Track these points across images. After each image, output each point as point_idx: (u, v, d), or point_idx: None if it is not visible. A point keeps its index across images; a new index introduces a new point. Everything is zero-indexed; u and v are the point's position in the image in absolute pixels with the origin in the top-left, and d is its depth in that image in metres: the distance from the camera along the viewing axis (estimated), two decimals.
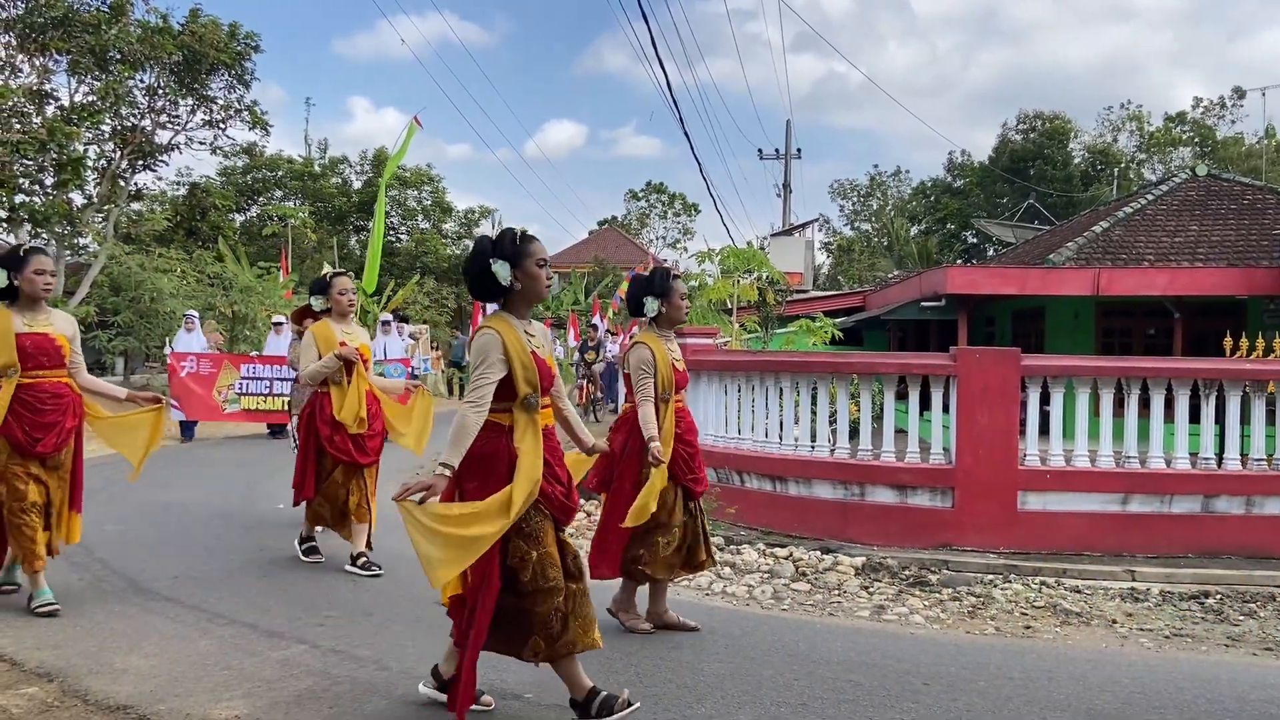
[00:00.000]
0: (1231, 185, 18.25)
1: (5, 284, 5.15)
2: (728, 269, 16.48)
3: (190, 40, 20.71)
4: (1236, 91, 46.08)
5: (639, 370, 5.05)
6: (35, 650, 4.56)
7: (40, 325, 5.22)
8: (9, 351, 5.10)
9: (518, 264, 3.75)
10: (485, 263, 3.75)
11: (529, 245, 3.79)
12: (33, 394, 5.14)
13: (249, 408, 14.22)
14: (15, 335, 5.11)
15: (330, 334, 6.26)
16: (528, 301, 3.84)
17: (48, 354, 5.22)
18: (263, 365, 14.30)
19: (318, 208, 36.21)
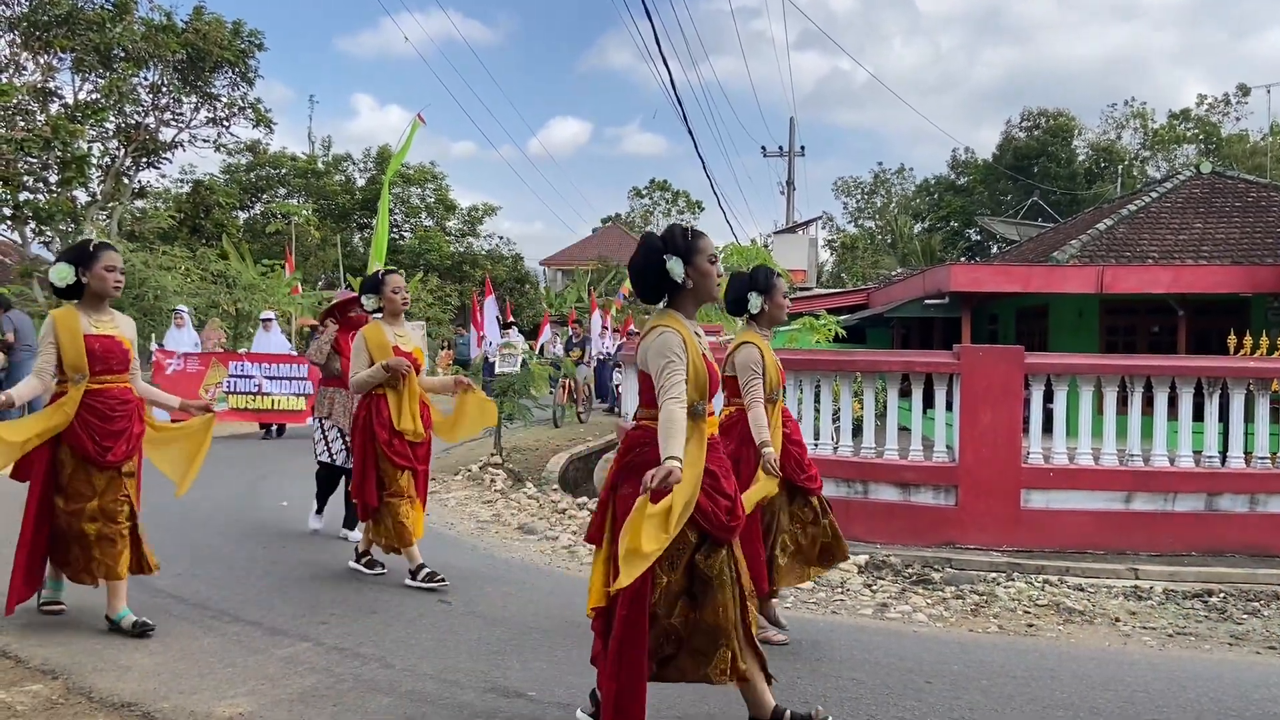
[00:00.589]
0: (1236, 183, 18.21)
1: (73, 281, 4.76)
2: (731, 267, 16.48)
3: (194, 38, 20.73)
4: (1241, 89, 46.00)
5: (748, 371, 4.79)
6: (39, 647, 4.57)
7: (107, 327, 4.85)
8: (78, 355, 4.73)
9: (690, 260, 3.59)
10: (658, 259, 3.57)
11: (700, 241, 3.64)
12: (101, 400, 4.79)
13: (237, 406, 13.91)
14: (84, 337, 4.75)
15: (383, 337, 5.89)
16: (697, 300, 3.69)
17: (116, 358, 4.85)
18: (252, 363, 13.99)
19: (321, 205, 36.26)
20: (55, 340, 4.73)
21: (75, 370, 4.74)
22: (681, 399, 3.44)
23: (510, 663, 4.58)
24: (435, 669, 4.46)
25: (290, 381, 13.90)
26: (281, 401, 13.87)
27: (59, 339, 4.73)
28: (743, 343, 4.96)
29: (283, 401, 13.86)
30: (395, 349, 5.86)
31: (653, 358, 3.53)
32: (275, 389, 13.86)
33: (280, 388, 13.85)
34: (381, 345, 5.86)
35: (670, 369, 3.48)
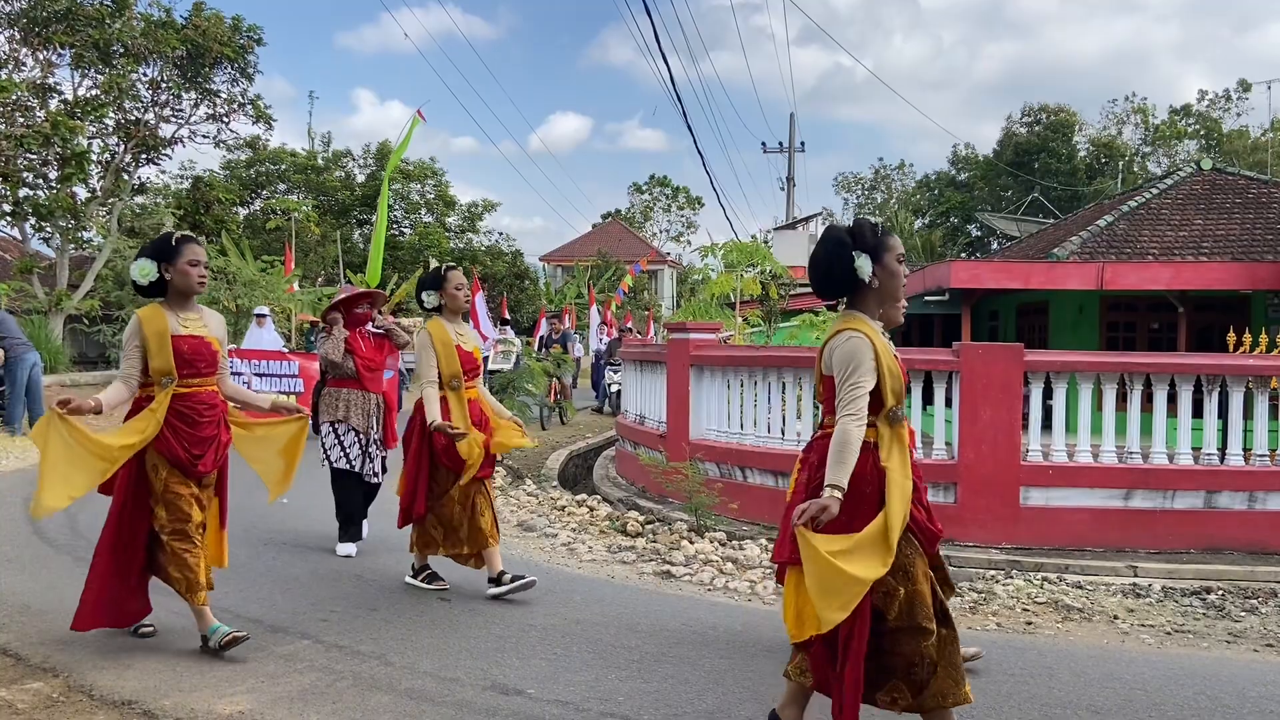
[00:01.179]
0: (1236, 179, 18.19)
1: (155, 278, 4.46)
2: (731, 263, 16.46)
3: (193, 34, 20.69)
4: (1242, 84, 45.99)
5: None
6: (40, 645, 4.58)
7: (195, 326, 4.54)
8: (166, 357, 4.42)
9: (878, 258, 3.40)
10: (845, 256, 3.38)
11: (889, 238, 3.45)
12: (189, 405, 4.48)
13: None
14: (171, 338, 4.44)
15: (447, 334, 5.62)
16: (882, 301, 3.47)
17: (204, 359, 4.55)
18: (241, 359, 13.51)
19: (321, 201, 36.26)
20: (141, 342, 4.43)
21: (162, 374, 4.44)
22: (861, 416, 3.26)
23: (509, 660, 4.59)
24: (434, 666, 4.47)
25: (280, 379, 13.61)
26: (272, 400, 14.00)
27: (145, 340, 4.43)
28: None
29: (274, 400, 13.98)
30: (458, 348, 5.63)
31: (838, 364, 3.35)
32: (265, 387, 13.54)
33: (270, 385, 13.55)
34: (446, 343, 5.59)
35: (855, 380, 3.28)
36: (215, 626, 4.50)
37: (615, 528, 8.36)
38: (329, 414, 6.77)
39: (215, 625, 4.50)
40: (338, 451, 6.72)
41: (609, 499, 9.74)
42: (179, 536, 4.44)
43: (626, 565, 6.99)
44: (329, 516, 7.90)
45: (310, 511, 8.40)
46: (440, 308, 5.75)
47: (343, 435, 6.73)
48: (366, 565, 6.51)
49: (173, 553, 4.44)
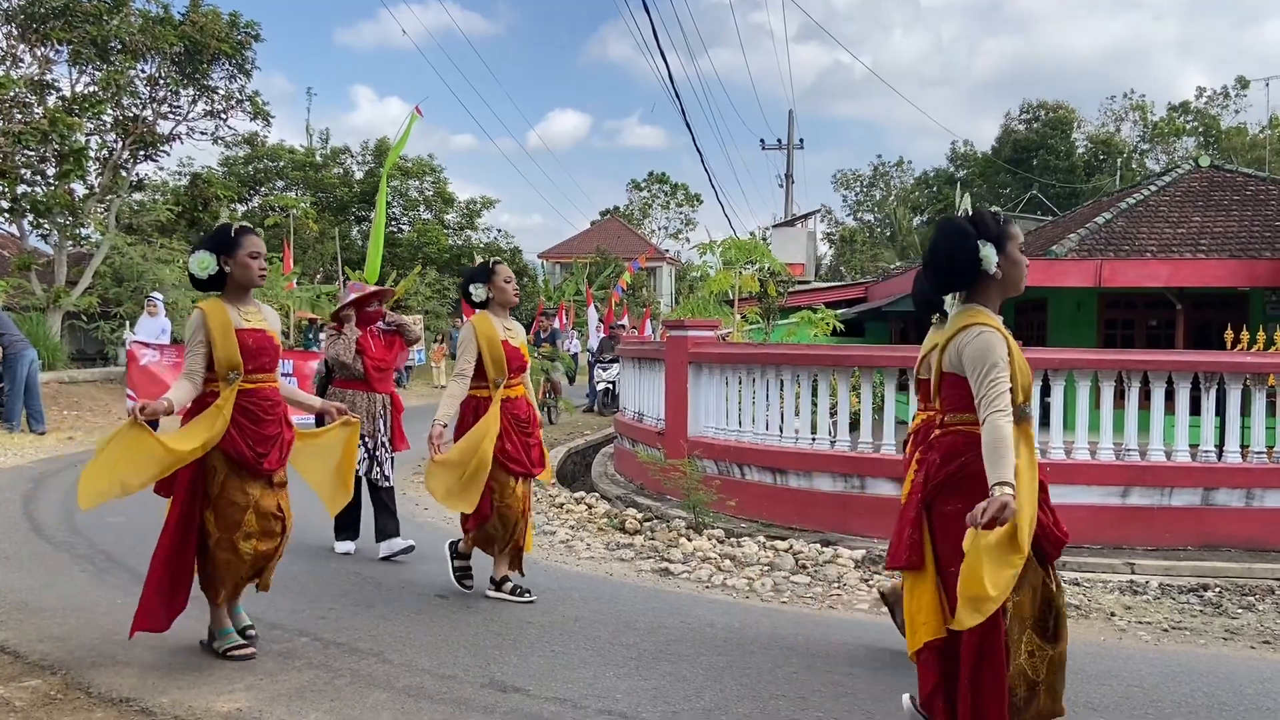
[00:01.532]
0: (1235, 176, 18.19)
1: (215, 270, 4.31)
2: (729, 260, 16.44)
3: (191, 30, 20.65)
4: (1240, 81, 45.99)
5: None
6: (38, 642, 4.58)
7: (256, 320, 4.42)
8: (232, 351, 4.28)
9: (1002, 247, 3.27)
10: (970, 246, 3.23)
11: (1011, 226, 3.35)
12: (254, 401, 4.35)
13: None
14: (235, 332, 4.31)
15: (493, 330, 5.43)
16: (1004, 291, 3.34)
17: (268, 354, 4.42)
18: None
19: (319, 198, 36.23)
20: (206, 336, 4.27)
21: (229, 369, 4.29)
22: (1008, 410, 3.09)
23: (508, 657, 4.59)
24: (432, 664, 4.47)
25: None
26: None
27: (210, 335, 4.27)
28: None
29: None
30: (504, 343, 5.44)
31: (971, 360, 3.20)
32: None
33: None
34: (491, 339, 5.40)
35: (995, 376, 3.13)
36: (227, 630, 4.43)
37: (613, 525, 8.37)
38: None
39: (227, 629, 4.43)
40: None
41: (607, 496, 9.74)
42: (225, 546, 4.30)
43: (625, 562, 6.99)
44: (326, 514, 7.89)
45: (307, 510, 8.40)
46: (488, 301, 5.57)
47: None
48: (364, 563, 6.51)
49: (216, 558, 4.33)
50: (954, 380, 3.31)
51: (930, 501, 3.29)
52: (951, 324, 3.34)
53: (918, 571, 3.26)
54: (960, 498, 3.17)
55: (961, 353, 3.25)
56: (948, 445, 3.28)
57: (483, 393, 5.44)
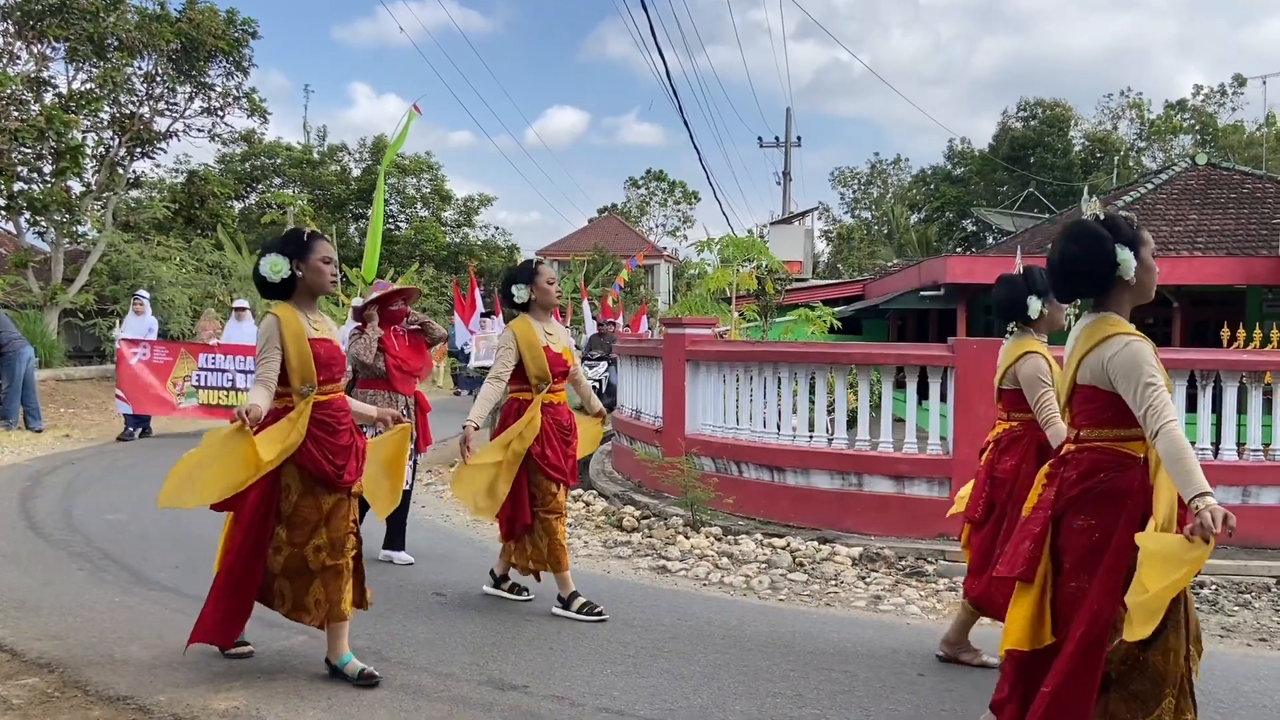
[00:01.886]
0: (1231, 174, 18.23)
1: (286, 275, 4.13)
2: (727, 258, 16.44)
3: (187, 27, 20.63)
4: (1237, 79, 46.00)
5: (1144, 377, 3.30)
6: (35, 641, 4.58)
7: (323, 329, 4.25)
8: (306, 362, 4.11)
9: (1137, 253, 3.17)
10: (1107, 250, 3.12)
11: (1143, 231, 3.24)
12: (327, 413, 4.19)
13: (207, 403, 12.75)
14: (308, 342, 4.13)
15: (533, 335, 5.27)
16: (1136, 298, 3.27)
17: (338, 364, 4.27)
18: (224, 356, 12.84)
19: (316, 195, 36.17)
20: (281, 345, 4.09)
21: (304, 380, 4.13)
22: (1175, 418, 2.96)
23: (505, 655, 4.60)
24: (430, 661, 4.48)
25: None
26: None
27: (285, 344, 4.09)
28: (1027, 353, 4.50)
29: None
30: (546, 349, 5.27)
31: (1124, 372, 3.06)
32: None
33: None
34: (532, 344, 5.23)
35: (1154, 387, 3.00)
36: (347, 658, 4.20)
37: (611, 523, 8.37)
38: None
39: (347, 656, 4.20)
40: None
41: (605, 494, 9.74)
42: (295, 560, 4.14)
43: (622, 560, 7.00)
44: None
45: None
46: (529, 303, 5.37)
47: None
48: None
49: (287, 574, 4.16)
50: (1091, 393, 3.19)
51: (1061, 516, 3.21)
52: (1088, 334, 3.21)
53: (1029, 581, 3.22)
54: (1094, 513, 3.12)
55: (1107, 365, 3.11)
56: (1087, 462, 3.18)
57: (525, 395, 5.28)
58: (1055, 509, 3.21)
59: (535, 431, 5.20)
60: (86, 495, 8.51)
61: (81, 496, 8.45)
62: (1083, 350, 3.19)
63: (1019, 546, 3.30)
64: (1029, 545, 3.25)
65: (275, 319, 4.11)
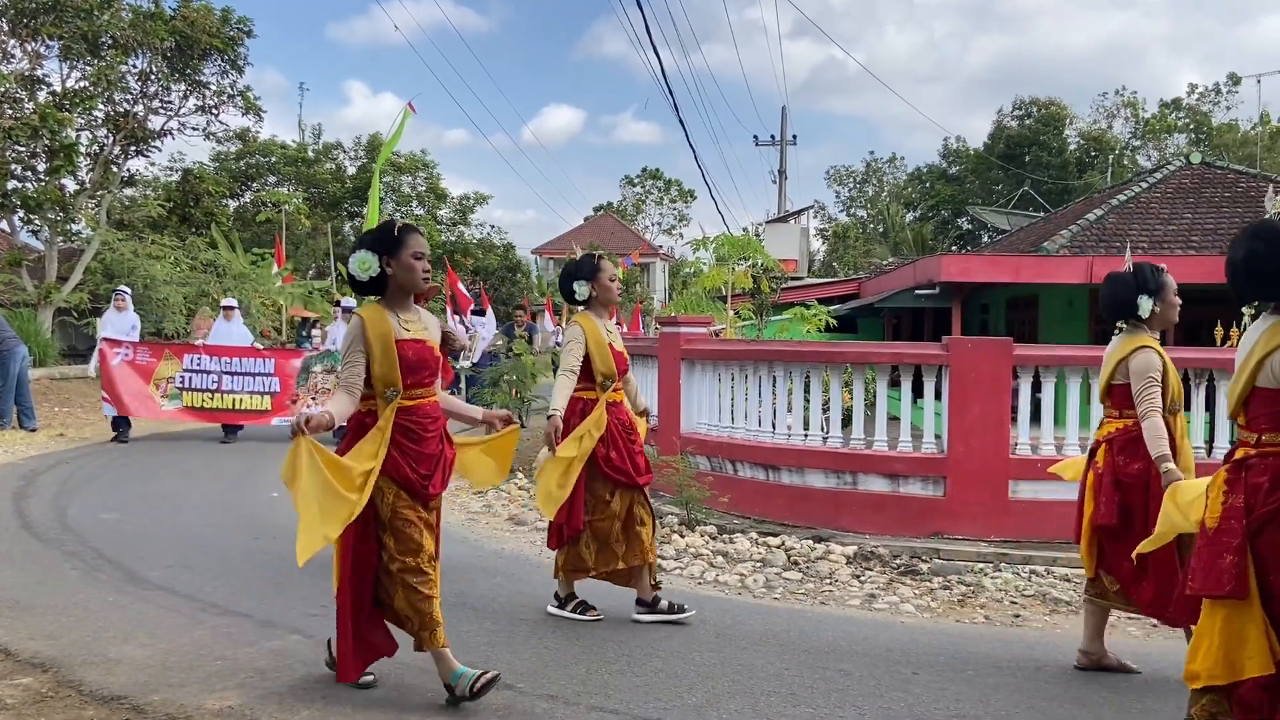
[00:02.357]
0: (1225, 173, 18.27)
1: (376, 272, 3.90)
2: (722, 256, 16.45)
3: (182, 25, 20.60)
4: (1232, 78, 46.08)
5: (1145, 378, 4.40)
6: (29, 640, 4.57)
7: (416, 329, 4.00)
8: (392, 365, 3.87)
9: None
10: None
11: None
12: (412, 419, 3.93)
13: (192, 405, 12.43)
14: (396, 343, 3.90)
15: (599, 333, 5.14)
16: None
17: (428, 367, 4.00)
18: (210, 357, 12.53)
19: (311, 193, 36.11)
20: (365, 347, 3.86)
21: (388, 384, 3.87)
22: None
23: (499, 654, 4.60)
24: (424, 661, 4.46)
25: (254, 378, 12.62)
26: (243, 401, 12.56)
27: (369, 346, 3.86)
28: (1140, 347, 4.51)
29: (245, 400, 12.56)
30: (610, 346, 5.16)
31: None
32: (237, 386, 12.54)
33: (242, 384, 12.56)
34: (600, 342, 5.11)
35: None
36: (460, 671, 3.92)
37: None
38: None
39: (460, 670, 3.93)
40: None
41: None
42: (412, 570, 3.87)
43: None
44: None
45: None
46: (590, 300, 5.27)
47: None
48: None
49: (405, 587, 3.88)
50: (1274, 396, 3.14)
51: (1259, 529, 3.11)
52: (1270, 336, 3.16)
53: (1240, 601, 3.08)
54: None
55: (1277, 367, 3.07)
56: (1274, 468, 3.13)
57: (589, 394, 5.15)
58: (1252, 522, 3.10)
59: (602, 430, 5.07)
60: (81, 494, 8.50)
61: (76, 496, 8.43)
62: (1264, 352, 3.14)
63: (1217, 561, 3.15)
64: (1232, 560, 3.11)
65: (360, 320, 3.91)
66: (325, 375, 12.59)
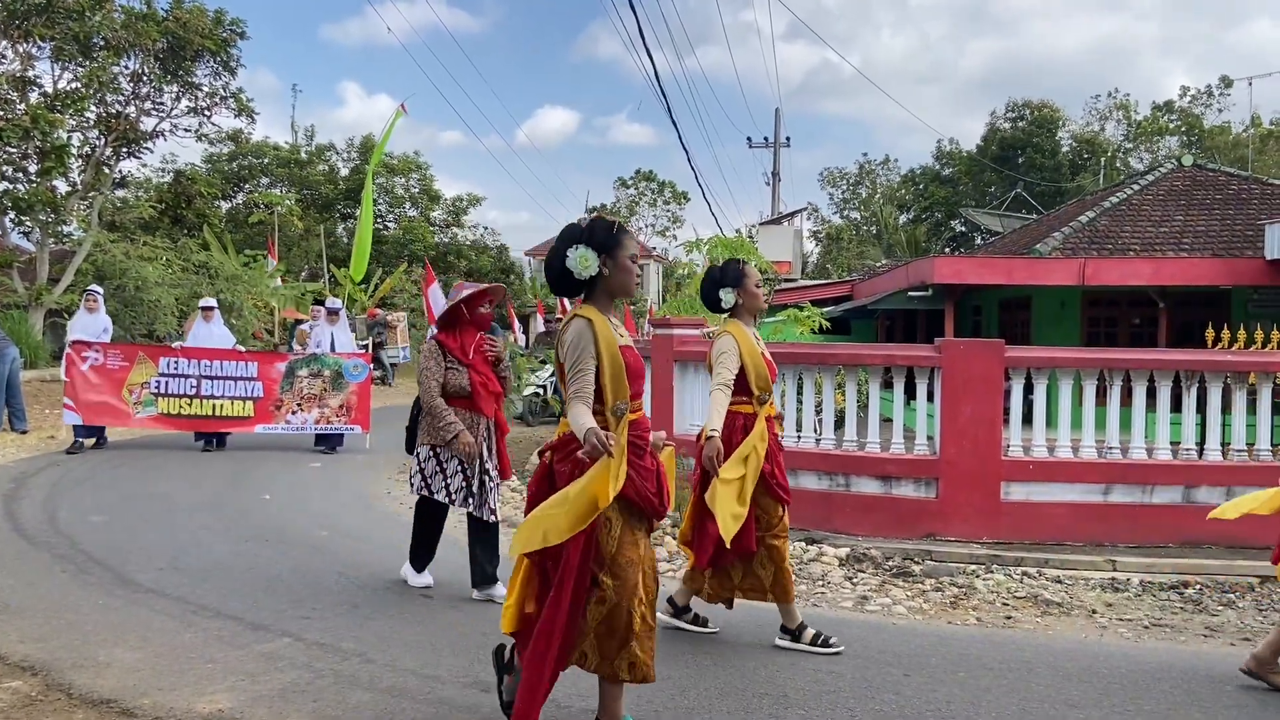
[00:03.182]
0: (1217, 175, 18.33)
1: (595, 272, 3.53)
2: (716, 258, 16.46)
3: (174, 26, 20.56)
4: (1224, 81, 46.26)
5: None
6: (19, 644, 4.56)
7: (625, 336, 3.64)
8: (620, 376, 3.49)
9: None
10: None
11: None
12: (637, 433, 3.60)
13: (168, 412, 11.65)
14: (620, 350, 3.52)
15: (752, 343, 4.90)
16: None
17: (642, 377, 3.69)
18: (187, 360, 11.78)
19: (304, 195, 36.10)
20: (596, 354, 3.47)
21: (618, 396, 3.49)
22: None
23: (488, 659, 4.58)
24: (416, 664, 4.47)
25: (235, 382, 11.90)
26: (224, 407, 11.83)
27: (600, 353, 3.48)
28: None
29: (225, 407, 11.83)
30: (762, 356, 4.91)
31: None
32: (217, 390, 11.80)
33: (223, 390, 11.83)
34: (752, 351, 4.86)
35: None
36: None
37: None
38: (431, 436, 5.61)
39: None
40: (439, 481, 5.62)
41: None
42: (634, 605, 3.45)
43: None
44: (312, 513, 7.85)
45: (294, 508, 8.38)
46: (736, 308, 5.01)
47: (445, 462, 5.61)
48: (348, 562, 6.50)
49: (628, 629, 3.44)
50: None
51: None
52: None
53: None
54: None
55: None
56: None
57: (746, 408, 4.86)
58: None
59: (765, 447, 4.82)
60: (71, 497, 8.47)
61: (66, 498, 8.40)
62: None
63: None
64: None
65: (587, 322, 3.50)
66: (311, 379, 12.06)
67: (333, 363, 12.16)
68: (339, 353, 12.42)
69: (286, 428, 12.02)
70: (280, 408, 12.00)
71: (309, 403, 12.03)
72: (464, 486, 5.65)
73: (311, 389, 12.06)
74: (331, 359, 12.19)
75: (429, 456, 5.64)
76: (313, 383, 12.06)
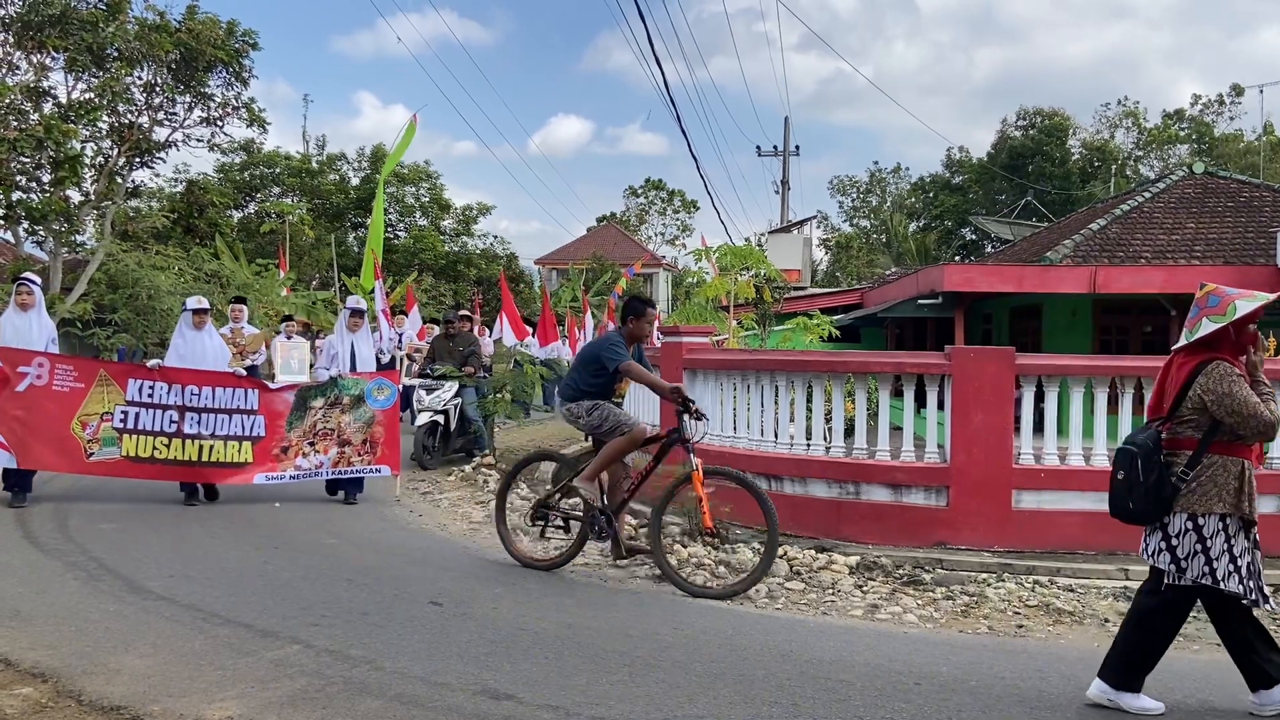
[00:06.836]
0: (1228, 183, 18.27)
1: None
2: (725, 266, 16.48)
3: (187, 38, 20.68)
4: (1235, 89, 46.16)
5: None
6: (30, 650, 4.57)
7: None
8: None
9: None
10: None
11: None
12: None
13: (135, 454, 8.43)
14: None
15: None
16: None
17: None
18: (166, 385, 8.56)
19: (315, 204, 36.25)
20: None
21: None
22: None
23: (500, 664, 4.58)
24: (425, 671, 4.46)
25: (230, 416, 8.72)
26: (213, 450, 8.63)
27: None
28: None
29: (215, 450, 8.63)
30: None
31: None
32: (204, 427, 8.59)
33: (212, 425, 8.63)
34: None
35: None
36: None
37: None
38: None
39: None
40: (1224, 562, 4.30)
41: None
42: None
43: (620, 569, 6.98)
44: (322, 520, 7.86)
45: (303, 515, 8.40)
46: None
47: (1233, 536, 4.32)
48: (358, 569, 6.50)
49: None
50: None
51: None
52: None
53: None
54: None
55: None
56: None
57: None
58: None
59: None
60: (82, 505, 8.49)
61: (77, 506, 8.42)
62: None
63: None
64: None
65: None
66: (328, 411, 9.09)
67: (352, 385, 9.25)
68: (359, 372, 9.45)
69: (296, 474, 8.99)
70: (288, 450, 8.98)
71: (325, 442, 9.08)
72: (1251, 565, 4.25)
73: (328, 423, 9.10)
74: (351, 380, 9.26)
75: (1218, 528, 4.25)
76: (329, 415, 9.11)
